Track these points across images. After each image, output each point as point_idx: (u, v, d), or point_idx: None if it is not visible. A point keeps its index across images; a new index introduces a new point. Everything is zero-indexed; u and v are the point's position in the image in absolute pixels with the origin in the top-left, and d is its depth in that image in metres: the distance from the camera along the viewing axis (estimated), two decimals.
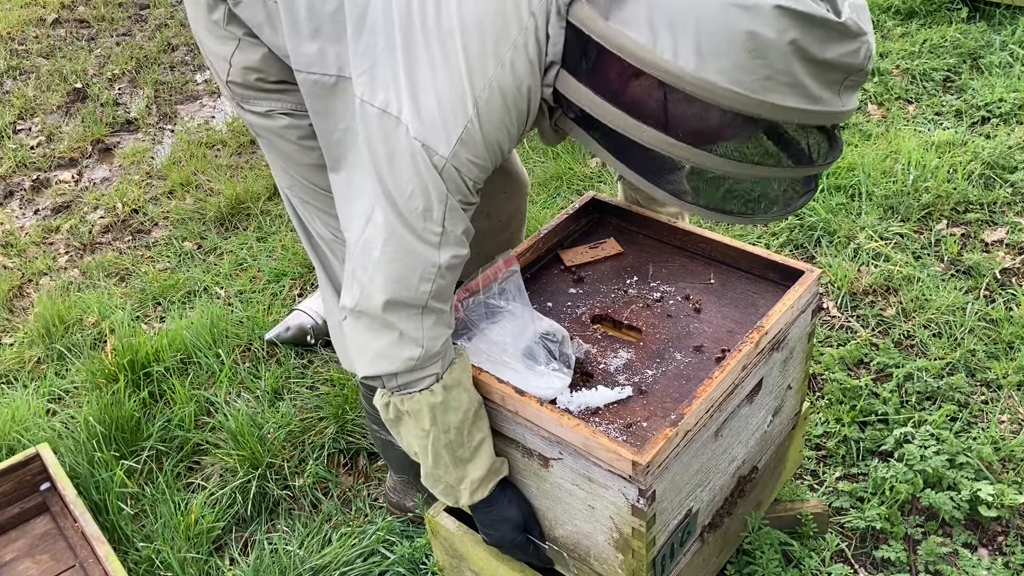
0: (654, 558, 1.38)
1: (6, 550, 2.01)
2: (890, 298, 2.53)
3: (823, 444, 2.13)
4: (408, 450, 1.47)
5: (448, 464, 1.43)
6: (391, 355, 1.34)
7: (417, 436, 1.41)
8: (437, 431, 1.39)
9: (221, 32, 1.56)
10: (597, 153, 1.36)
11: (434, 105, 1.24)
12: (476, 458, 1.44)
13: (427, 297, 1.31)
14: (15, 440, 2.32)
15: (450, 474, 1.44)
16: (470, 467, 1.44)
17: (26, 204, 3.74)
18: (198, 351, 2.60)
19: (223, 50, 1.57)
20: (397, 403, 1.40)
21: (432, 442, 1.40)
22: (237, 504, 2.16)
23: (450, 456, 1.42)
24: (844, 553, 1.89)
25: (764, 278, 1.66)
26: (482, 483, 1.46)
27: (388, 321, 1.32)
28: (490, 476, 1.47)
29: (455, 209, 1.29)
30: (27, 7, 5.69)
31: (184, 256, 3.22)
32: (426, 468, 1.46)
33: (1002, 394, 2.20)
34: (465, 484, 1.46)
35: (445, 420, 1.39)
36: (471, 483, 1.46)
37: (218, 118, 4.30)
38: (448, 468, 1.43)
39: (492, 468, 1.47)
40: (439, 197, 1.27)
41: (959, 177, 2.89)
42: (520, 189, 2.03)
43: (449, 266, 1.31)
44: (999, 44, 3.59)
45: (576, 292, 1.69)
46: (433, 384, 1.36)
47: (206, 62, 1.68)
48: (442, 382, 1.37)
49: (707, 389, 1.36)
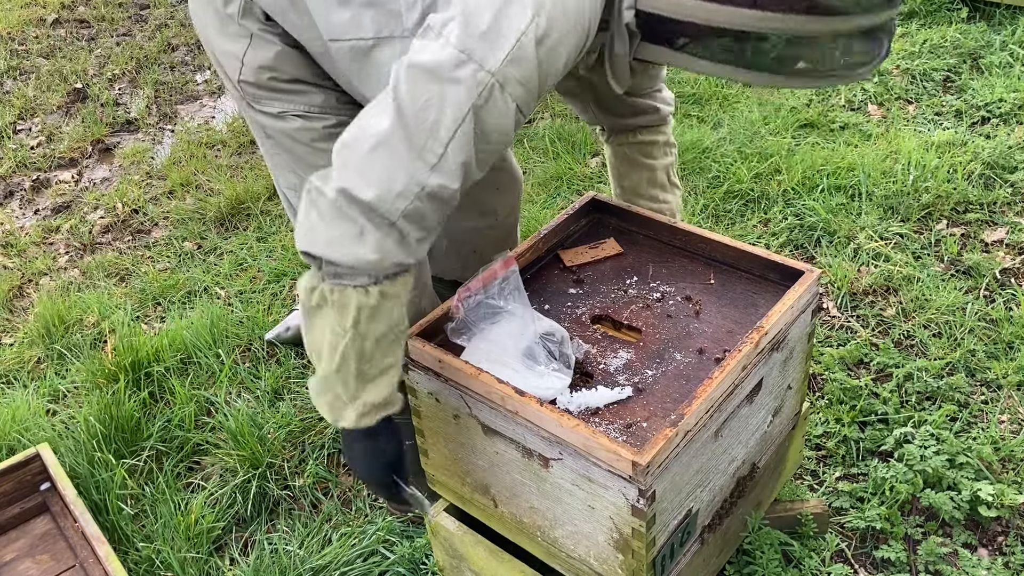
0: (654, 558, 1.38)
1: (6, 550, 2.01)
2: (890, 298, 2.53)
3: (823, 444, 2.13)
4: (312, 346, 1.39)
5: (350, 375, 1.36)
6: (342, 247, 1.27)
7: (332, 332, 1.34)
8: (355, 335, 1.32)
9: (233, 29, 1.54)
10: (689, 67, 1.33)
11: (487, 15, 1.20)
12: (379, 381, 1.38)
13: (399, 214, 1.25)
14: (15, 440, 2.33)
15: (347, 387, 1.38)
16: (370, 387, 1.38)
17: (26, 204, 3.74)
18: (198, 351, 2.60)
19: (234, 48, 1.55)
20: (326, 291, 1.32)
21: (345, 345, 1.33)
22: (237, 504, 2.16)
23: (356, 366, 1.35)
24: (844, 553, 1.89)
25: (764, 278, 1.66)
26: (374, 409, 1.40)
27: (352, 216, 1.26)
28: (384, 406, 1.42)
29: (466, 136, 1.24)
30: (27, 7, 5.69)
31: (184, 256, 3.22)
32: (323, 371, 1.38)
33: (1002, 394, 2.20)
34: (357, 404, 1.40)
35: (368, 327, 1.32)
36: (363, 405, 1.40)
37: (218, 118, 4.30)
38: (348, 380, 1.37)
39: (389, 399, 1.41)
40: (455, 116, 1.22)
41: (959, 177, 2.89)
42: (514, 185, 2.03)
43: (433, 193, 1.26)
44: (999, 44, 3.59)
45: (576, 292, 1.69)
46: (370, 285, 1.30)
47: (213, 62, 1.66)
48: (380, 286, 1.31)
49: (707, 389, 1.36)
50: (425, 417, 1.59)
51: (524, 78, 1.25)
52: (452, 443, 1.57)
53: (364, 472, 1.50)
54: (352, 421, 1.41)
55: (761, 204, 2.96)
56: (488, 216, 1.97)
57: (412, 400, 1.59)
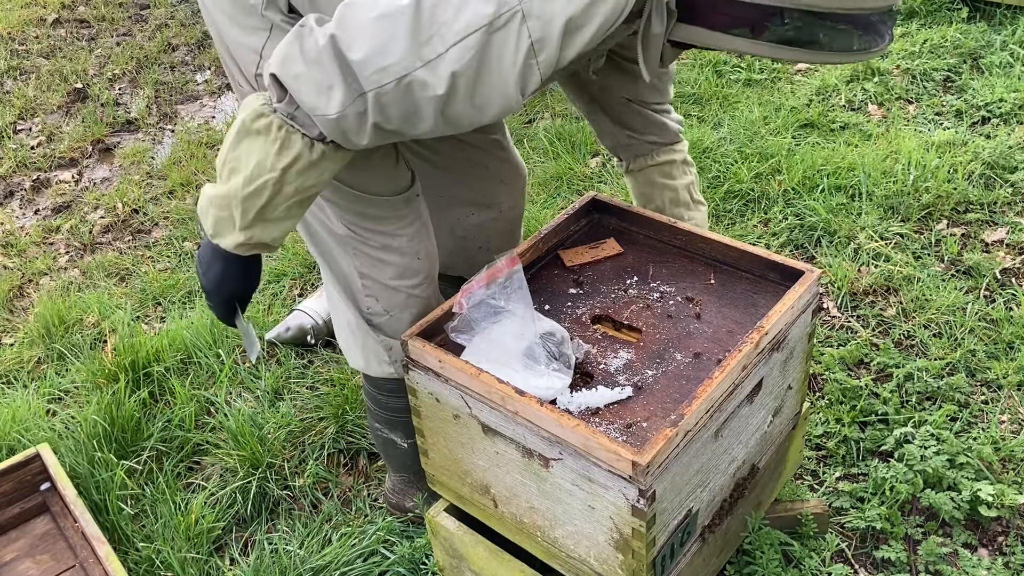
0: (654, 558, 1.38)
1: (6, 550, 2.01)
2: (890, 298, 2.53)
3: (823, 444, 2.13)
4: (229, 163, 1.38)
5: (254, 208, 1.37)
6: (308, 90, 1.26)
7: (259, 163, 1.34)
8: (280, 178, 1.33)
9: (254, 21, 1.53)
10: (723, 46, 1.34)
11: None
12: (276, 225, 1.40)
13: (374, 87, 1.25)
14: (15, 440, 2.33)
15: (244, 216, 1.38)
16: (265, 226, 1.40)
17: (26, 204, 3.74)
18: (198, 351, 2.60)
19: (252, 41, 1.54)
20: (275, 124, 1.32)
21: (265, 181, 1.34)
22: (237, 504, 2.16)
23: (264, 203, 1.36)
24: (844, 553, 1.89)
25: (764, 278, 1.66)
26: (257, 246, 1.42)
27: (331, 68, 1.25)
28: (266, 246, 1.44)
29: (469, 49, 1.23)
30: (27, 7, 5.69)
31: (184, 256, 3.22)
32: (227, 190, 1.38)
33: (1002, 394, 2.20)
34: (244, 234, 1.40)
35: (297, 178, 1.34)
36: (250, 237, 1.40)
37: (218, 118, 4.30)
38: (249, 211, 1.38)
39: (275, 243, 1.43)
40: (468, 24, 1.22)
41: (959, 177, 2.89)
42: (519, 179, 2.04)
43: (412, 86, 1.25)
44: (999, 44, 3.59)
45: (576, 292, 1.69)
46: (318, 141, 1.31)
47: (224, 56, 1.64)
48: (326, 147, 1.31)
49: (707, 389, 1.36)
50: (425, 417, 1.59)
51: (547, 18, 1.24)
52: (452, 443, 1.57)
53: (213, 288, 1.50)
54: (230, 245, 1.42)
55: (761, 204, 2.96)
56: (492, 209, 1.97)
57: (412, 400, 1.59)
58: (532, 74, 1.29)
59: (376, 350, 1.79)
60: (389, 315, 1.75)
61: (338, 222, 1.68)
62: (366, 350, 1.80)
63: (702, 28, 1.34)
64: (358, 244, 1.69)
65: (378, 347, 1.78)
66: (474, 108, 1.31)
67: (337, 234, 1.70)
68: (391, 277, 1.71)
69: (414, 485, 2.01)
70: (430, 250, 1.76)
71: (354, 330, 1.80)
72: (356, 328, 1.79)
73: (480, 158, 1.93)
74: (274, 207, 1.38)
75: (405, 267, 1.71)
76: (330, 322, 2.59)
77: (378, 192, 1.64)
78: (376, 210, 1.66)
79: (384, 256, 1.70)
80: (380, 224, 1.67)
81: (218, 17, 1.59)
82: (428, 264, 1.75)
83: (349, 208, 1.65)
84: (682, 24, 1.36)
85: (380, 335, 1.77)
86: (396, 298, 1.74)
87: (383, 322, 1.76)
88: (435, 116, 1.30)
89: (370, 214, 1.66)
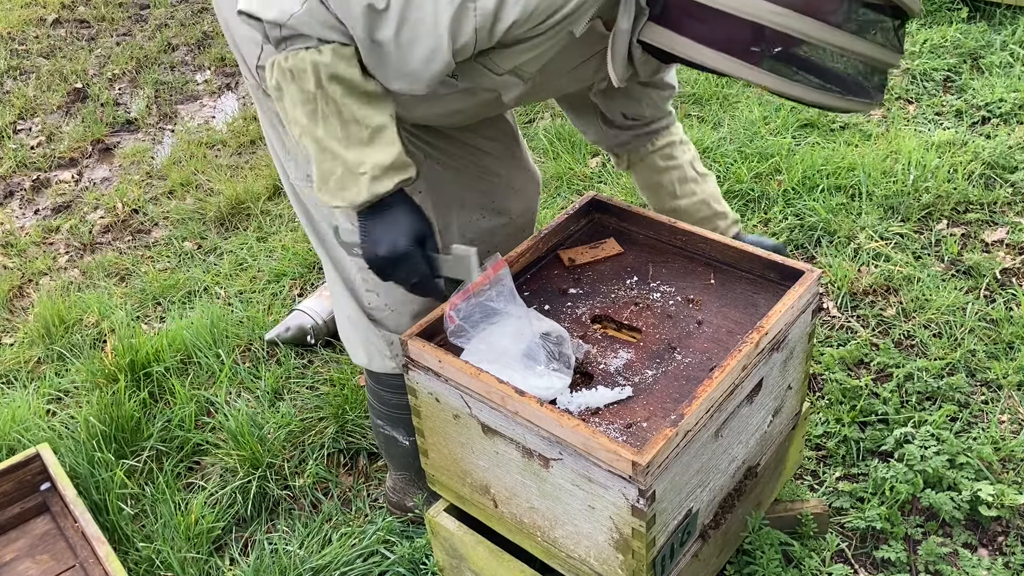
0: (654, 558, 1.38)
1: (6, 550, 2.01)
2: (890, 298, 2.53)
3: (823, 444, 2.13)
4: (294, 127, 1.34)
5: (341, 138, 1.31)
6: (272, 3, 1.27)
7: (303, 103, 1.31)
8: (323, 95, 1.29)
9: None
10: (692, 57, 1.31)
11: None
12: (377, 143, 1.33)
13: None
14: (15, 440, 2.33)
15: (348, 152, 1.32)
16: (370, 150, 1.32)
17: (26, 204, 3.74)
18: (198, 351, 2.60)
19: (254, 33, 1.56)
20: (280, 61, 1.31)
21: (320, 110, 1.30)
22: (237, 504, 2.16)
23: (342, 131, 1.31)
24: (844, 553, 1.89)
25: (764, 278, 1.66)
26: (386, 172, 1.34)
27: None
28: (396, 168, 1.35)
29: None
30: (27, 7, 5.69)
31: (184, 256, 3.22)
32: (316, 154, 1.33)
33: (1002, 394, 2.20)
34: (366, 167, 1.32)
35: (332, 87, 1.29)
36: (372, 168, 1.32)
37: (218, 118, 4.30)
38: (341, 143, 1.32)
39: (398, 161, 1.35)
40: None
41: (959, 177, 2.89)
42: (530, 185, 2.03)
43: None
44: (999, 44, 3.59)
45: (576, 292, 1.69)
46: (321, 44, 1.28)
47: (233, 50, 1.66)
48: (331, 45, 1.28)
49: (707, 389, 1.36)
50: (425, 417, 1.59)
51: None
52: (452, 443, 1.57)
53: (388, 248, 1.39)
54: (367, 189, 1.34)
55: (761, 204, 2.96)
56: (503, 215, 1.97)
57: (412, 400, 1.59)
58: (466, 19, 1.27)
59: (378, 344, 1.78)
60: (391, 310, 1.75)
61: (343, 218, 1.67)
62: (368, 345, 1.80)
63: (677, 35, 1.31)
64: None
65: (380, 342, 1.78)
66: (399, 47, 1.29)
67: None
68: None
69: (415, 484, 2.01)
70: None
71: (356, 325, 1.79)
72: (358, 323, 1.78)
73: (493, 165, 1.91)
74: (355, 128, 1.32)
75: None
76: (330, 322, 2.59)
77: None
78: None
79: None
80: None
81: (225, 11, 1.60)
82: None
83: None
84: (654, 25, 1.32)
85: (382, 329, 1.76)
86: (397, 292, 1.72)
87: (384, 317, 1.76)
88: (364, 32, 1.28)
89: None
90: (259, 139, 3.98)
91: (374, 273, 1.47)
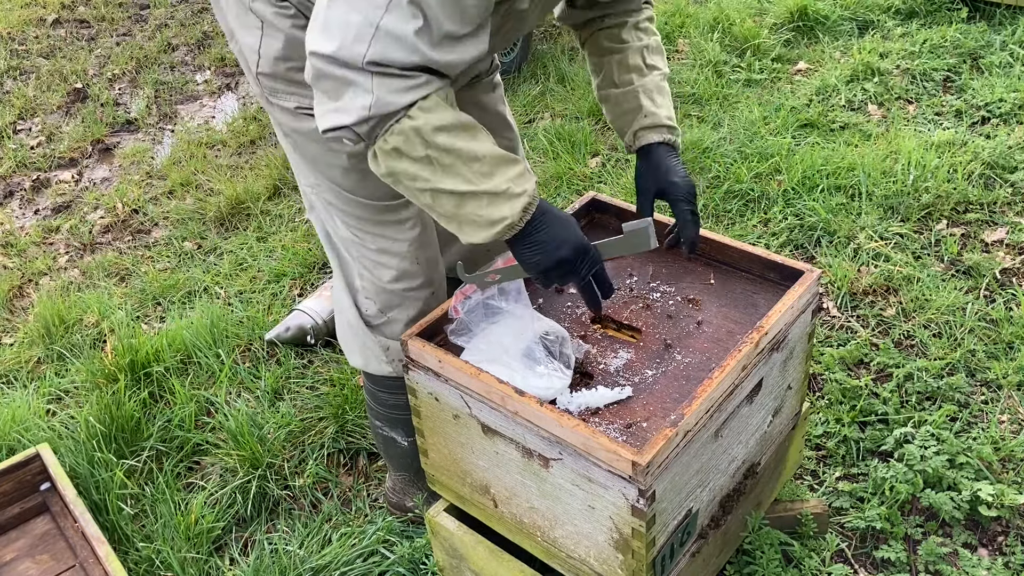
0: (654, 558, 1.38)
1: (6, 550, 2.01)
2: (890, 298, 2.53)
3: (823, 444, 2.13)
4: (423, 196, 1.35)
5: (471, 177, 1.32)
6: (347, 108, 1.28)
7: (420, 168, 1.32)
8: (437, 149, 1.30)
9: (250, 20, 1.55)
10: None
11: None
12: (500, 169, 1.34)
13: (362, 59, 1.26)
14: (15, 440, 2.33)
15: (484, 184, 1.33)
16: (499, 172, 1.33)
17: (26, 204, 3.74)
18: (198, 351, 2.60)
19: (252, 40, 1.56)
20: (382, 146, 1.32)
21: (438, 162, 1.31)
22: (237, 504, 2.16)
23: (467, 168, 1.32)
24: (844, 553, 1.89)
25: (764, 278, 1.66)
26: (522, 178, 1.35)
27: (333, 73, 1.27)
28: (530, 174, 1.36)
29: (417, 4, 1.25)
30: (27, 7, 5.69)
31: (184, 256, 3.22)
32: (452, 193, 1.33)
33: (1002, 394, 2.20)
34: (507, 183, 1.33)
35: (437, 138, 1.30)
36: (510, 181, 1.33)
37: (218, 118, 4.30)
38: (474, 182, 1.33)
39: (526, 169, 1.37)
40: None
41: (959, 177, 2.89)
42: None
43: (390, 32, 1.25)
44: (999, 44, 3.59)
45: (576, 292, 1.69)
46: (405, 109, 1.29)
47: (239, 59, 1.67)
48: (418, 105, 1.29)
49: (707, 389, 1.36)
50: (425, 417, 1.59)
51: None
52: (452, 443, 1.57)
53: (563, 240, 1.39)
54: (516, 196, 1.34)
55: (761, 204, 2.96)
56: None
57: (412, 400, 1.59)
58: None
59: (374, 350, 1.79)
60: (386, 317, 1.76)
61: (341, 225, 1.68)
62: (364, 349, 1.81)
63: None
64: (359, 246, 1.70)
65: (376, 347, 1.78)
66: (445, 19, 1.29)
67: (342, 236, 1.70)
68: (389, 280, 1.72)
69: (414, 484, 2.01)
70: (431, 256, 1.75)
71: (355, 330, 1.80)
72: (356, 328, 1.79)
73: None
74: (478, 165, 1.33)
75: (403, 271, 1.71)
76: (330, 322, 2.60)
77: (376, 197, 1.64)
78: (374, 214, 1.66)
79: (382, 259, 1.70)
80: (379, 228, 1.67)
81: (229, 17, 1.60)
82: (428, 269, 1.74)
83: (349, 212, 1.66)
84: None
85: (378, 336, 1.77)
86: (392, 300, 1.74)
87: (380, 324, 1.77)
88: (430, 45, 1.29)
89: (368, 217, 1.66)
90: (259, 139, 3.98)
91: (549, 281, 1.46)
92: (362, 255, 1.71)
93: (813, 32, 4.01)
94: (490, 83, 1.89)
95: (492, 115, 1.89)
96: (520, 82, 4.00)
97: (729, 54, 3.90)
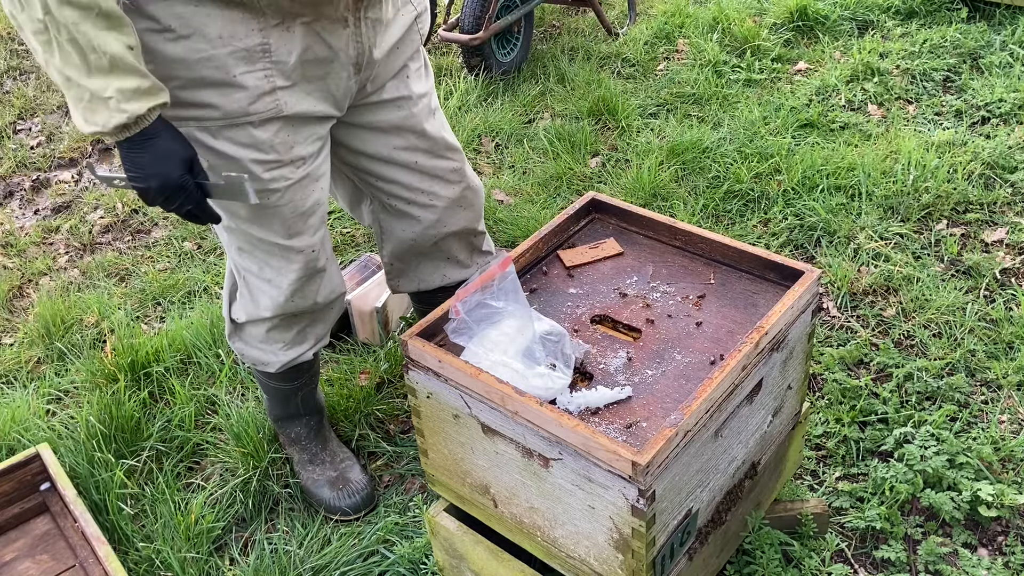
0: (654, 558, 1.38)
1: (6, 550, 2.01)
2: (890, 298, 2.53)
3: (823, 444, 2.13)
4: (36, 56, 1.32)
5: (80, 67, 1.29)
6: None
7: (34, 31, 1.28)
8: (53, 21, 1.26)
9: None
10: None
11: None
12: (118, 69, 1.31)
13: None
14: (15, 440, 2.33)
15: (91, 81, 1.30)
16: (113, 78, 1.30)
17: (26, 204, 3.74)
18: (198, 351, 2.60)
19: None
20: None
21: (54, 37, 1.28)
22: (237, 504, 2.16)
23: (80, 58, 1.28)
24: (844, 553, 1.89)
25: (764, 278, 1.66)
26: (135, 95, 1.32)
27: None
28: (148, 94, 1.34)
29: None
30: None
31: (184, 256, 3.22)
32: (59, 71, 1.30)
33: (1002, 394, 2.20)
34: (111, 92, 1.30)
35: (61, 12, 1.26)
36: (119, 92, 1.30)
37: None
38: (82, 72, 1.29)
39: (147, 87, 1.34)
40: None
41: (959, 177, 2.89)
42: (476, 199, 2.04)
43: None
44: (999, 44, 3.59)
45: (576, 292, 1.69)
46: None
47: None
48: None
49: (707, 389, 1.36)
50: (425, 417, 1.59)
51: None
52: (452, 443, 1.57)
53: (160, 179, 1.40)
54: (117, 112, 1.32)
55: (761, 204, 2.96)
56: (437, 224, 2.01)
57: (412, 400, 1.59)
58: None
59: (235, 344, 2.02)
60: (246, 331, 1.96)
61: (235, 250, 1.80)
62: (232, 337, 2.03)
63: None
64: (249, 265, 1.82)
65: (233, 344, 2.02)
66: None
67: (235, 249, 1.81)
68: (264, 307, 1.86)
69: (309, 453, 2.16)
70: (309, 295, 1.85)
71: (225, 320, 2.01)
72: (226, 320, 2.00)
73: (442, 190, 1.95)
74: (94, 56, 1.29)
75: (279, 304, 1.84)
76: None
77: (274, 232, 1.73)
78: (262, 254, 1.77)
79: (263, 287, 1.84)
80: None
81: None
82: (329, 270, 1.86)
83: (239, 235, 1.76)
84: None
85: (235, 341, 2.00)
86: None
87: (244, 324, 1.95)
88: None
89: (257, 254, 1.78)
90: None
91: (146, 203, 1.49)
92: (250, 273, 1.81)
93: (813, 32, 4.01)
94: (427, 106, 1.86)
95: (433, 140, 1.89)
96: (520, 82, 4.00)
97: (729, 54, 3.90)
